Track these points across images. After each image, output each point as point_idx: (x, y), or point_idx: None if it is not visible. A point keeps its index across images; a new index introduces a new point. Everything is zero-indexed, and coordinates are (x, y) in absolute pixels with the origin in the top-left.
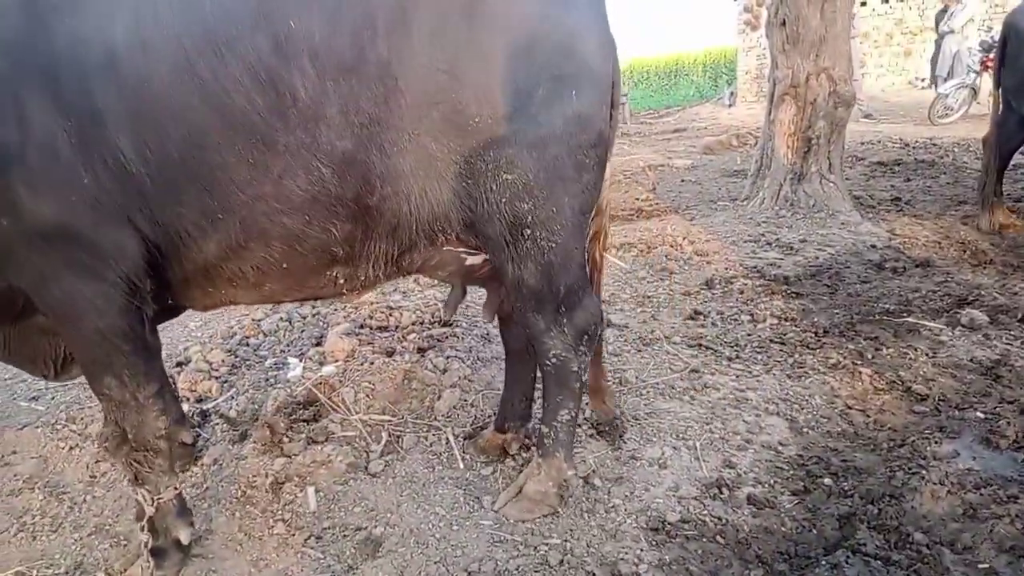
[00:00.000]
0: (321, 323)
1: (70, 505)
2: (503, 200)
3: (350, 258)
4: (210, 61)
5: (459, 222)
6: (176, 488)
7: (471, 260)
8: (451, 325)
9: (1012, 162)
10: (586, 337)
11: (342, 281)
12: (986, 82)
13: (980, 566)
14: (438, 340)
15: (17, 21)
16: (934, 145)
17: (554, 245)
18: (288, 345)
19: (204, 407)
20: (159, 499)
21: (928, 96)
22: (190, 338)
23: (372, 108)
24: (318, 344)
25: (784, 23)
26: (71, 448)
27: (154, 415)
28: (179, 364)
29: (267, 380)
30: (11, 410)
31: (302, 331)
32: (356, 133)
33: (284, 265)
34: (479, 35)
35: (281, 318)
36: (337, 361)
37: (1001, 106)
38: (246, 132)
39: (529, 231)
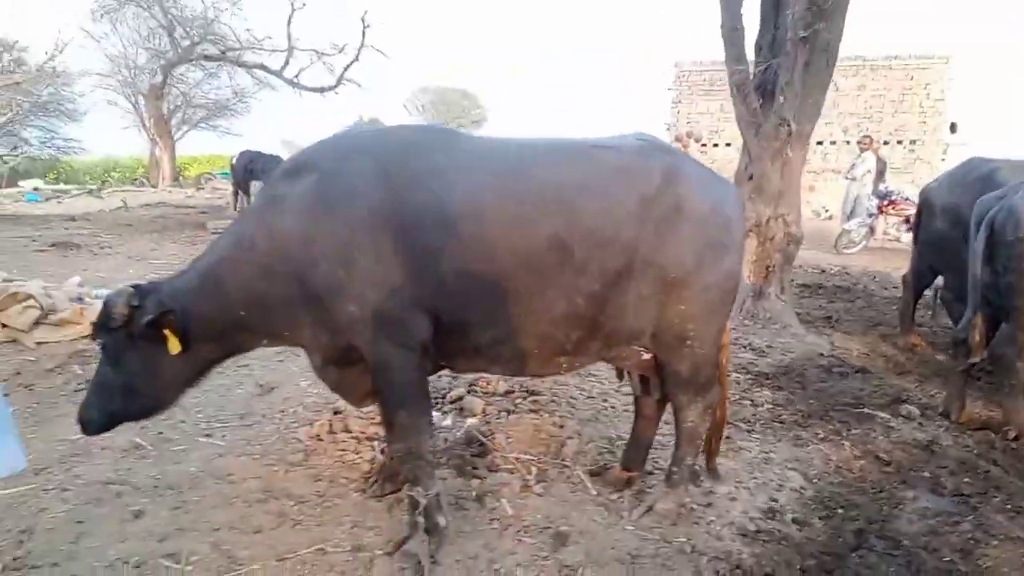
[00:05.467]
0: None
1: (318, 507)
2: (676, 322)
3: (574, 352)
4: (521, 232)
5: (648, 334)
6: (436, 488)
7: (645, 355)
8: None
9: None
10: (709, 410)
11: (564, 366)
12: (881, 223)
13: (944, 559)
14: (543, 405)
15: (380, 191)
16: (847, 273)
17: (703, 352)
18: None
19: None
20: (428, 495)
21: (829, 226)
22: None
23: (616, 267)
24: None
25: (751, 177)
26: (286, 471)
27: (427, 436)
28: (336, 412)
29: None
30: (192, 444)
31: None
32: (604, 281)
33: (533, 352)
34: (680, 223)
35: None
36: (476, 415)
37: (917, 256)
38: (537, 273)
39: (690, 342)
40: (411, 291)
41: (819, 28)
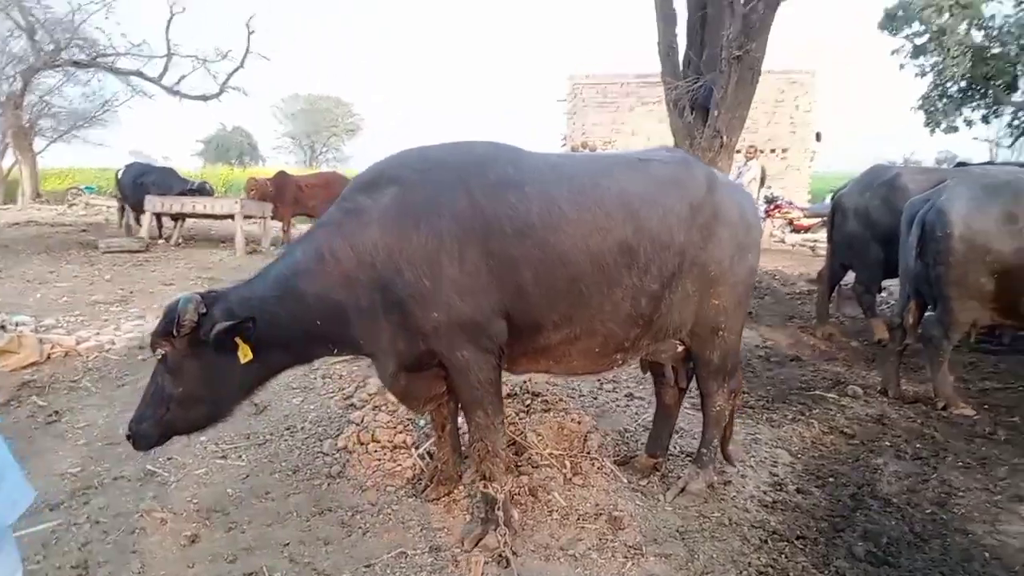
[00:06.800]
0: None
1: (378, 515)
2: (711, 315)
3: (630, 348)
4: (596, 239)
5: (687, 328)
6: (509, 484)
7: (680, 347)
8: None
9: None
10: (734, 394)
11: (620, 361)
12: (768, 226)
13: (927, 512)
14: (552, 404)
15: (463, 201)
16: None
17: (732, 340)
18: None
19: (422, 451)
20: (502, 491)
21: None
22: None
23: (672, 268)
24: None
25: None
26: (327, 484)
27: (502, 434)
28: (356, 424)
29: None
30: (212, 467)
31: None
32: (662, 281)
33: (595, 351)
34: (718, 229)
35: None
36: None
37: (831, 254)
38: (607, 276)
39: (722, 332)
40: (492, 297)
41: (750, 48)
